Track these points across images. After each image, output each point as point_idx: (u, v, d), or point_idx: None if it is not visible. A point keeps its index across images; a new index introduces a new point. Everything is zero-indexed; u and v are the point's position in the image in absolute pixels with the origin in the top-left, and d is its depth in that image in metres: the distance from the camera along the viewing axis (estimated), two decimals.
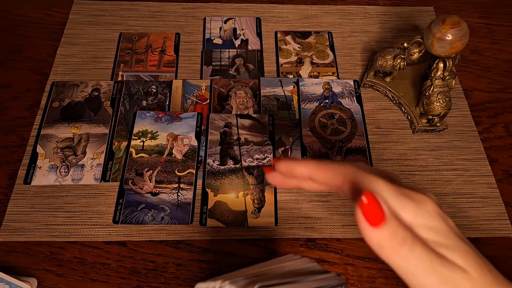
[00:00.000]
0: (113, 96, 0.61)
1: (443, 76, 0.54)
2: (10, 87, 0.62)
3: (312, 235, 0.51)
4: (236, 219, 0.52)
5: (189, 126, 0.58)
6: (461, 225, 0.53)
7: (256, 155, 0.56)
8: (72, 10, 0.70)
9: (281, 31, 0.70)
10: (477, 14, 0.74)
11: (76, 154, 0.56)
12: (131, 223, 0.51)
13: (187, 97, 0.61)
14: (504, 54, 0.69)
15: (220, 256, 0.50)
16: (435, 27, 0.49)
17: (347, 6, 0.74)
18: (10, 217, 0.51)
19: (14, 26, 0.69)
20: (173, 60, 0.65)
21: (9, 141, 0.57)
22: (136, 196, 0.53)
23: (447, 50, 0.50)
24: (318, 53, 0.67)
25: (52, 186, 0.53)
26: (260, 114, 0.60)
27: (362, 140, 0.58)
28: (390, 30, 0.71)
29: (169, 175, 0.54)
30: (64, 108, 0.60)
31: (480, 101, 0.64)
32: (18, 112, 0.60)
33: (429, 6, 0.74)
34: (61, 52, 0.65)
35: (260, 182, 0.54)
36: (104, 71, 0.64)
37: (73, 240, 0.50)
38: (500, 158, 0.58)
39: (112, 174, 0.54)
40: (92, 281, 0.48)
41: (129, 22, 0.70)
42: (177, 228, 0.51)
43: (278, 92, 0.63)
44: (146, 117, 0.59)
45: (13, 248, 0.50)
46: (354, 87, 0.63)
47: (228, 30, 0.70)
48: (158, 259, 0.49)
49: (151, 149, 0.56)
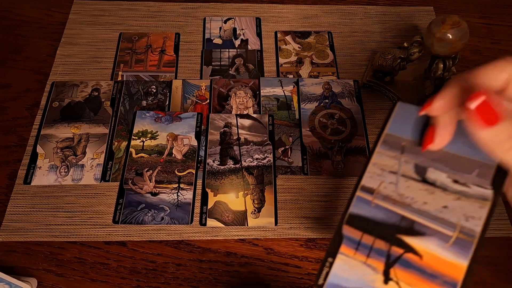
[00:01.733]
0: (113, 96, 0.61)
1: (443, 76, 0.54)
2: (10, 87, 0.62)
3: (312, 235, 0.51)
4: (236, 219, 0.52)
5: (189, 126, 0.58)
6: None
7: (256, 155, 0.56)
8: (72, 10, 0.70)
9: (281, 31, 0.70)
10: (477, 14, 0.74)
11: (76, 154, 0.56)
12: (131, 223, 0.51)
13: (187, 97, 0.61)
14: (504, 54, 0.69)
15: (220, 256, 0.50)
16: (435, 27, 0.49)
17: (347, 6, 0.74)
18: (10, 217, 0.51)
19: (14, 26, 0.69)
20: (173, 60, 0.65)
21: (9, 141, 0.57)
22: (136, 196, 0.53)
23: (447, 50, 0.50)
24: (318, 53, 0.67)
25: (52, 186, 0.54)
26: (260, 114, 0.60)
27: (362, 140, 0.58)
28: (390, 30, 0.71)
29: (169, 175, 0.54)
30: (64, 108, 0.60)
31: None
32: (18, 112, 0.60)
33: (429, 6, 0.74)
34: (61, 52, 0.65)
35: (260, 182, 0.54)
36: (104, 71, 0.64)
37: (73, 240, 0.50)
38: None
39: (112, 174, 0.54)
40: (92, 281, 0.48)
41: (129, 22, 0.70)
42: (177, 228, 0.51)
43: (278, 92, 0.63)
44: (146, 117, 0.59)
45: (13, 248, 0.50)
46: (354, 87, 0.63)
47: (228, 30, 0.70)
48: (158, 259, 0.49)
49: (151, 149, 0.56)
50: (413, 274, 0.26)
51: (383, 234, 0.27)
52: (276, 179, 0.55)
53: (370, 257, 0.27)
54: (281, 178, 0.55)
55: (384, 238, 0.27)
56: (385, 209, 0.27)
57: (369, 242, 0.27)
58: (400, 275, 0.26)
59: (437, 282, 0.25)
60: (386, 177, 0.28)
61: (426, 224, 0.27)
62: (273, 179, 0.55)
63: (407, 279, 0.26)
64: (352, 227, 0.27)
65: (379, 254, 0.27)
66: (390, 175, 0.28)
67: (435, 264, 0.26)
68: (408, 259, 0.26)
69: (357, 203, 0.28)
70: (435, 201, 0.27)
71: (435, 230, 0.26)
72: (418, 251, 0.26)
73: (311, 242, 0.51)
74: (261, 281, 0.49)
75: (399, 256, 0.26)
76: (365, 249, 0.27)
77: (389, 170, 0.28)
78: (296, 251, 0.50)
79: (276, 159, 0.56)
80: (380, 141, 0.29)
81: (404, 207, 0.27)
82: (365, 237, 0.27)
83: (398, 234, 0.27)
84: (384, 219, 0.27)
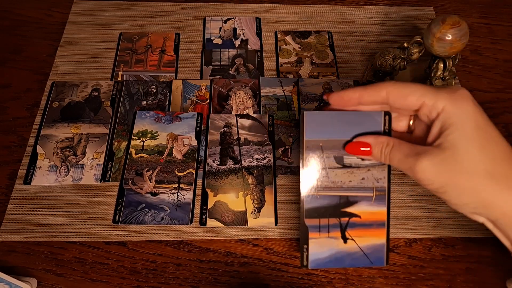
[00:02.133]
0: (113, 96, 0.61)
1: (443, 76, 0.54)
2: (10, 87, 0.62)
3: None
4: (236, 219, 0.52)
5: (189, 126, 0.58)
6: (461, 225, 0.53)
7: (256, 155, 0.56)
8: (72, 10, 0.70)
9: (281, 31, 0.70)
10: (477, 14, 0.74)
11: (76, 154, 0.56)
12: (131, 223, 0.51)
13: (187, 97, 0.61)
14: (504, 54, 0.69)
15: (220, 256, 0.50)
16: (435, 27, 0.49)
17: (347, 6, 0.74)
18: (10, 217, 0.51)
19: (14, 26, 0.69)
20: (173, 60, 0.65)
21: (9, 141, 0.57)
22: (136, 196, 0.53)
23: (447, 50, 0.50)
24: (318, 53, 0.67)
25: (52, 186, 0.54)
26: (260, 114, 0.60)
27: None
28: (390, 30, 0.71)
29: (169, 175, 0.54)
30: (64, 108, 0.60)
31: (480, 101, 0.63)
32: (18, 112, 0.60)
33: (429, 6, 0.74)
34: (61, 52, 0.65)
35: (260, 182, 0.54)
36: (104, 71, 0.64)
37: (73, 240, 0.50)
38: None
39: (112, 174, 0.54)
40: (92, 281, 0.48)
41: (129, 22, 0.70)
42: (177, 228, 0.51)
43: (278, 92, 0.63)
44: (146, 117, 0.59)
45: (13, 248, 0.50)
46: None
47: (228, 30, 0.70)
48: (158, 259, 0.49)
49: (151, 149, 0.56)
50: (359, 229, 0.39)
51: (332, 213, 0.38)
52: (276, 179, 0.55)
53: (330, 232, 0.39)
54: (281, 178, 0.55)
55: (333, 215, 0.39)
56: (327, 196, 0.38)
57: (325, 223, 0.39)
58: (352, 233, 0.39)
59: (374, 227, 0.39)
60: (319, 174, 0.38)
61: (356, 194, 0.38)
62: (273, 179, 0.55)
63: (357, 234, 0.39)
64: (310, 218, 0.38)
65: (334, 227, 0.39)
66: (322, 171, 0.38)
67: (369, 217, 0.39)
68: (353, 221, 0.39)
69: (307, 200, 0.38)
70: (356, 177, 0.38)
71: (362, 196, 0.38)
72: (357, 214, 0.39)
73: None
74: (261, 281, 0.49)
75: (347, 222, 0.39)
76: (324, 228, 0.39)
77: (319, 168, 0.38)
78: (296, 251, 0.50)
79: (276, 159, 0.56)
80: (304, 149, 0.37)
81: (338, 189, 0.38)
82: (322, 221, 0.38)
83: (341, 208, 0.38)
84: (329, 203, 0.38)
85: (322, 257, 0.39)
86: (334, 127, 0.37)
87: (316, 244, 0.39)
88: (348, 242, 0.39)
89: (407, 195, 0.54)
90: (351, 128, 0.37)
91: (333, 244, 0.39)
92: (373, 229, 0.39)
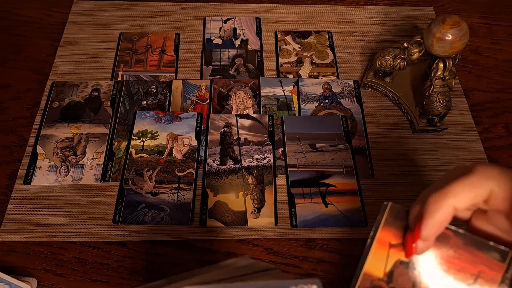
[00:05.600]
0: (113, 96, 0.61)
1: (443, 76, 0.54)
2: (10, 87, 0.62)
3: (312, 235, 0.51)
4: (236, 219, 0.52)
5: (189, 126, 0.58)
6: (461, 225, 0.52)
7: (256, 155, 0.56)
8: (72, 10, 0.70)
9: (281, 31, 0.70)
10: (477, 14, 0.74)
11: (76, 154, 0.56)
12: (131, 223, 0.51)
13: (187, 97, 0.61)
14: (504, 54, 0.69)
15: (220, 256, 0.50)
16: (435, 27, 0.49)
17: (347, 6, 0.74)
18: (10, 217, 0.51)
19: (14, 26, 0.69)
20: (173, 60, 0.65)
21: (9, 141, 0.57)
22: (136, 196, 0.53)
23: (447, 50, 0.50)
24: (318, 53, 0.67)
25: (52, 186, 0.54)
26: (260, 114, 0.60)
27: (362, 140, 0.58)
28: (390, 30, 0.71)
29: (169, 175, 0.54)
30: (64, 108, 0.60)
31: (480, 101, 0.64)
32: (18, 112, 0.60)
33: (429, 6, 0.74)
34: (61, 52, 0.65)
35: (260, 182, 0.54)
36: (104, 71, 0.64)
37: (73, 240, 0.50)
38: (500, 158, 0.58)
39: (112, 174, 0.54)
40: (92, 281, 0.48)
41: (129, 22, 0.70)
42: (177, 228, 0.51)
43: (278, 92, 0.63)
44: (146, 117, 0.59)
45: (13, 248, 0.50)
46: (354, 87, 0.63)
47: (228, 30, 0.70)
48: (158, 259, 0.49)
49: (151, 149, 0.56)
50: (337, 196, 0.52)
51: (312, 184, 0.53)
52: (276, 179, 0.55)
53: (312, 198, 0.52)
54: (281, 178, 0.55)
55: (314, 185, 0.53)
56: (307, 171, 0.54)
57: (307, 191, 0.52)
58: (331, 199, 0.52)
59: (349, 195, 0.52)
60: (299, 156, 0.55)
61: (329, 170, 0.54)
62: (273, 179, 0.54)
63: (335, 200, 0.52)
64: (295, 187, 0.53)
65: (316, 195, 0.52)
66: (300, 154, 0.55)
67: (343, 187, 0.53)
68: (331, 190, 0.52)
69: (291, 174, 0.53)
70: (327, 158, 0.55)
71: (335, 171, 0.54)
72: (333, 184, 0.53)
73: (311, 242, 0.51)
74: None
75: (326, 190, 0.52)
76: (307, 195, 0.52)
77: (297, 151, 0.55)
78: (296, 251, 0.50)
79: (276, 159, 0.56)
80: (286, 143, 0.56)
81: (315, 166, 0.54)
82: (304, 190, 0.52)
83: (319, 180, 0.53)
84: (309, 176, 0.53)
85: (309, 219, 0.50)
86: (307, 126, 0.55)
87: (301, 208, 0.51)
88: (329, 206, 0.51)
89: (406, 195, 0.54)
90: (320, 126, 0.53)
91: (316, 208, 0.51)
92: (348, 196, 0.52)
